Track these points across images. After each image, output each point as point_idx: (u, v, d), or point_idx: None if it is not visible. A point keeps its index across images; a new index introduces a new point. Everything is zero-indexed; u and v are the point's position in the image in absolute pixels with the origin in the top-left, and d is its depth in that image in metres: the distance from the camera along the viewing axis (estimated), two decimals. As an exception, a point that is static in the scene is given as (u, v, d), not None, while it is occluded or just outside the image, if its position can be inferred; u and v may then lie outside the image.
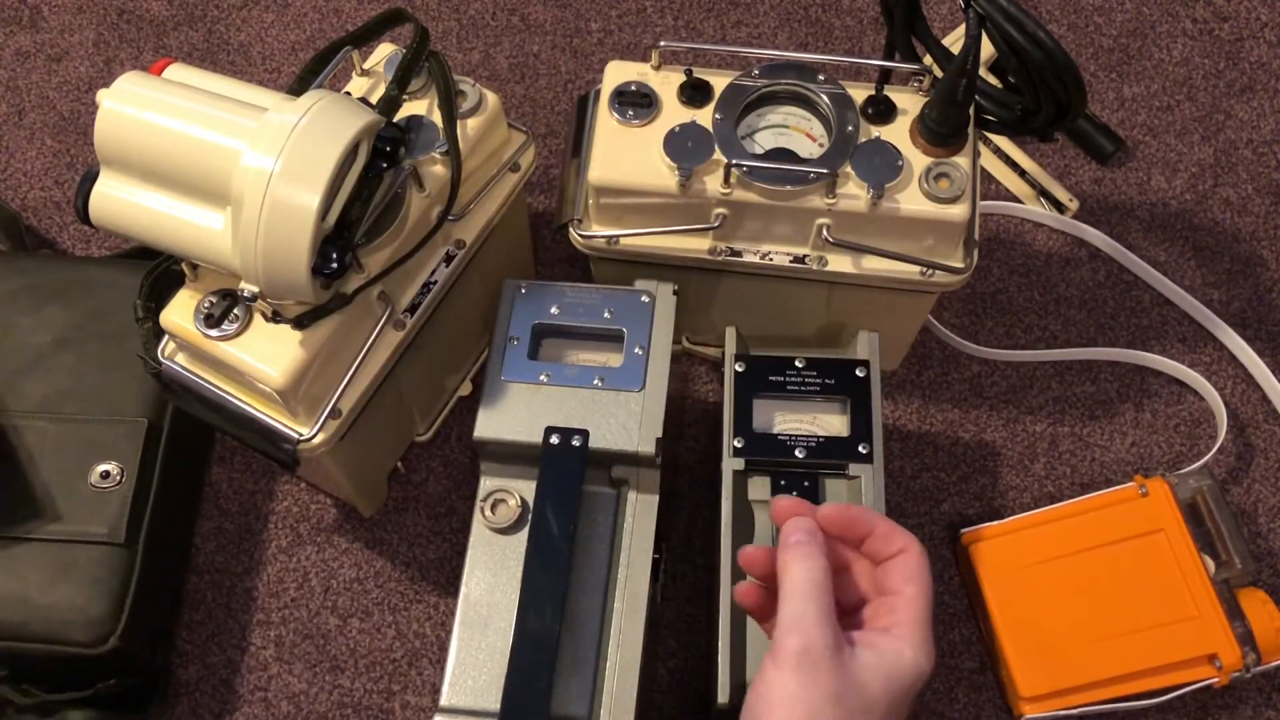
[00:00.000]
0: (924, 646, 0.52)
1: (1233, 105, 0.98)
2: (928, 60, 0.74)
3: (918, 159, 0.69)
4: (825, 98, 0.70)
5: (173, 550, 0.80)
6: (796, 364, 0.72)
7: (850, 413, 0.70)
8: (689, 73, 0.72)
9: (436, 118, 0.69)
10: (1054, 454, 0.85)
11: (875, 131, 0.70)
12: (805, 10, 1.03)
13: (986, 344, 0.88)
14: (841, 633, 0.52)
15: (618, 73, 0.73)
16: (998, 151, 0.95)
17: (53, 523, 0.72)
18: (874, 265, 0.71)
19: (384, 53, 0.72)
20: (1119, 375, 0.88)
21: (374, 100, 0.66)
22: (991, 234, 0.93)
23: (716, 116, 0.70)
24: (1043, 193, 0.94)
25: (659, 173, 0.69)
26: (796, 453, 0.69)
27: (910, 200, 0.68)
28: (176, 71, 0.61)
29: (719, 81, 0.72)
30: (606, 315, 0.71)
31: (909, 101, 0.71)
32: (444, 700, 0.64)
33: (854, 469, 0.69)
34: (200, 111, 0.57)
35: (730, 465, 0.69)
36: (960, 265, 0.71)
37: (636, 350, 0.69)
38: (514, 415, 0.68)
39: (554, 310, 0.71)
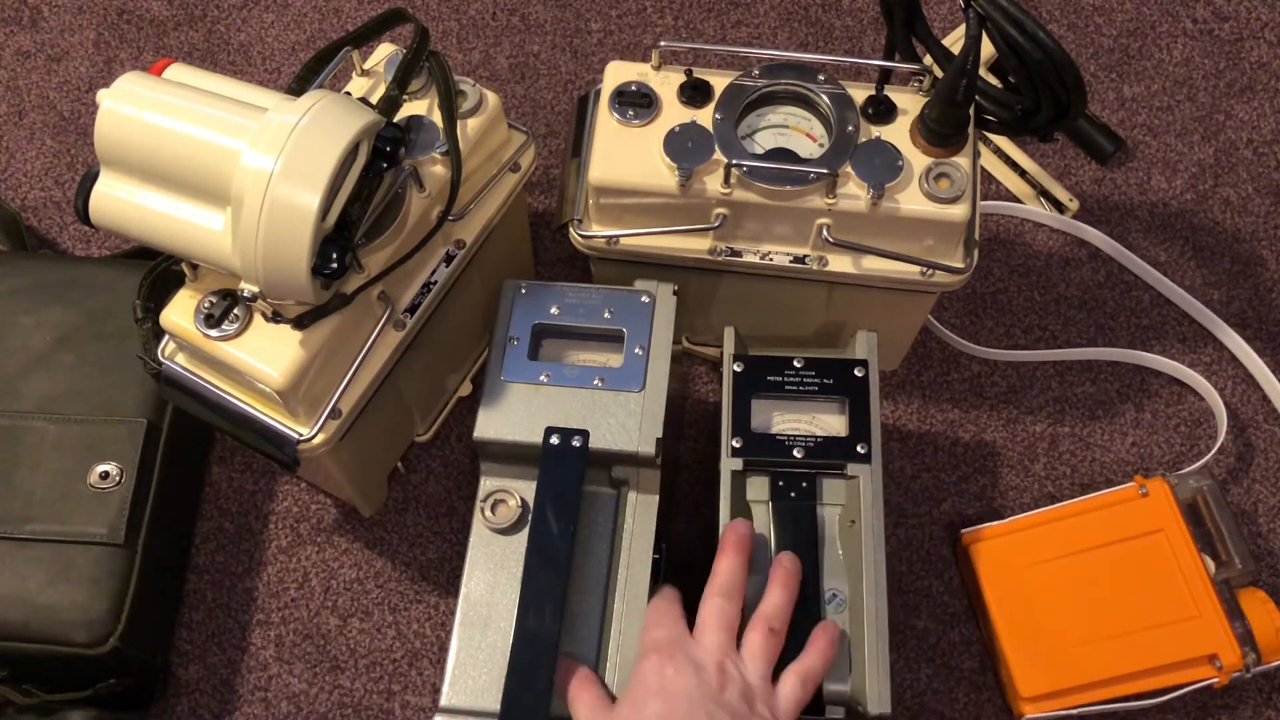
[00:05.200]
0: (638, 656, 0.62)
1: (1233, 105, 0.98)
2: (928, 60, 0.74)
3: (918, 159, 0.69)
4: (825, 98, 0.70)
5: (173, 550, 0.80)
6: (795, 364, 0.72)
7: (849, 413, 0.70)
8: (689, 73, 0.72)
9: (436, 118, 0.69)
10: (1054, 454, 0.85)
11: (875, 131, 0.70)
12: (805, 10, 1.03)
13: (986, 344, 0.88)
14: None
15: (618, 73, 0.73)
16: (998, 151, 0.95)
17: (53, 523, 0.72)
18: (874, 265, 0.71)
19: (384, 53, 0.72)
20: (1119, 375, 0.88)
21: (374, 100, 0.66)
22: (991, 234, 0.93)
23: (716, 116, 0.70)
24: (1043, 193, 0.94)
25: (659, 173, 0.69)
26: (795, 453, 0.69)
27: (910, 200, 0.68)
28: (176, 71, 0.61)
29: (719, 81, 0.72)
30: (606, 315, 0.71)
31: (909, 101, 0.71)
32: (444, 700, 0.64)
33: (852, 469, 0.69)
34: (200, 111, 0.57)
35: (729, 465, 0.69)
36: (960, 265, 0.71)
37: (636, 350, 0.70)
38: (514, 415, 0.68)
39: (554, 310, 0.71)
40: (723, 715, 0.56)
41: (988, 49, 0.64)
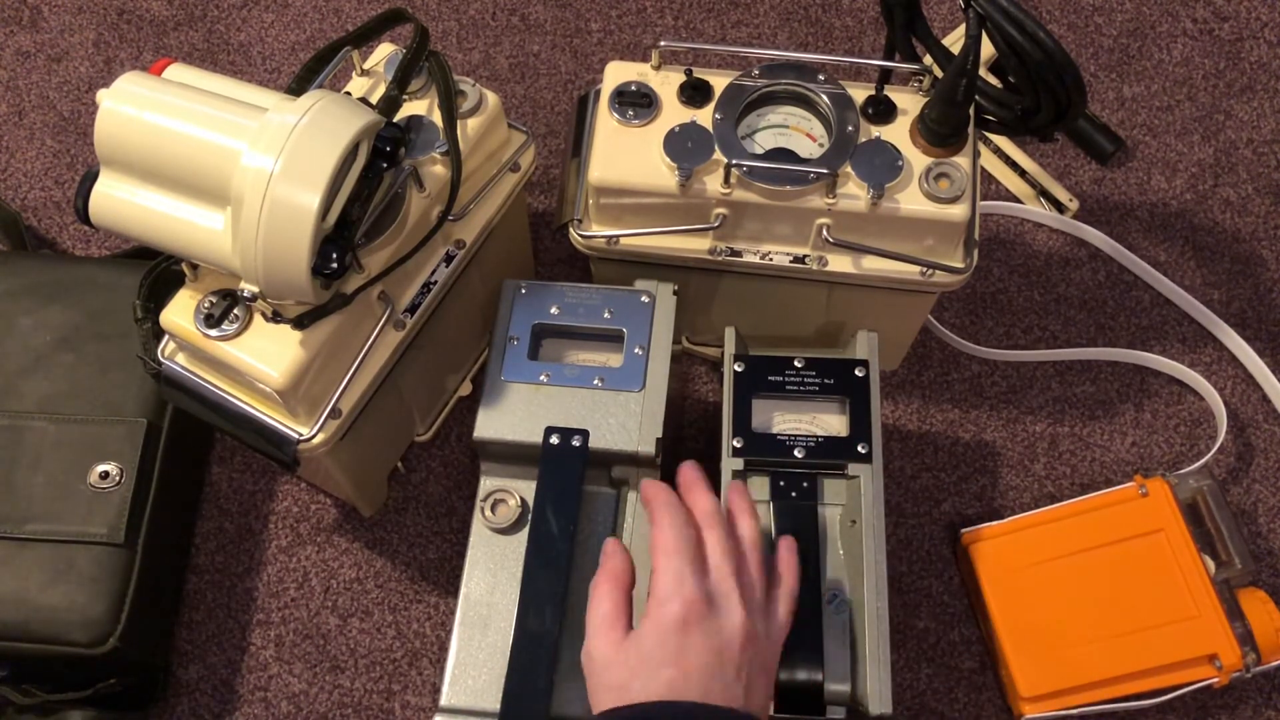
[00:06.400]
0: (659, 595, 0.57)
1: (1233, 105, 0.98)
2: (928, 60, 0.74)
3: (918, 159, 0.69)
4: (825, 98, 0.70)
5: (173, 550, 0.80)
6: (795, 364, 0.72)
7: (849, 412, 0.70)
8: (689, 73, 0.72)
9: (436, 118, 0.69)
10: (1054, 454, 0.85)
11: (875, 131, 0.70)
12: (805, 10, 1.03)
13: (986, 344, 0.88)
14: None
15: (618, 73, 0.73)
16: (998, 151, 0.95)
17: (53, 523, 0.72)
18: (874, 265, 0.71)
19: (384, 53, 0.72)
20: (1119, 375, 0.88)
21: (374, 100, 0.66)
22: (991, 234, 0.93)
23: (716, 116, 0.70)
24: (1043, 193, 0.94)
25: (659, 173, 0.69)
26: (795, 452, 0.69)
27: (910, 200, 0.68)
28: (176, 71, 0.61)
29: (719, 81, 0.72)
30: (606, 315, 0.71)
31: (909, 101, 0.71)
32: (444, 700, 0.64)
33: (853, 469, 0.69)
34: (200, 111, 0.57)
35: (729, 465, 0.69)
36: (960, 265, 0.71)
37: (636, 350, 0.70)
38: (514, 415, 0.68)
39: (554, 310, 0.71)
40: (736, 683, 0.55)
41: (988, 49, 0.64)
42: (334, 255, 0.58)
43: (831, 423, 0.71)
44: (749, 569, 0.59)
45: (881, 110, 0.70)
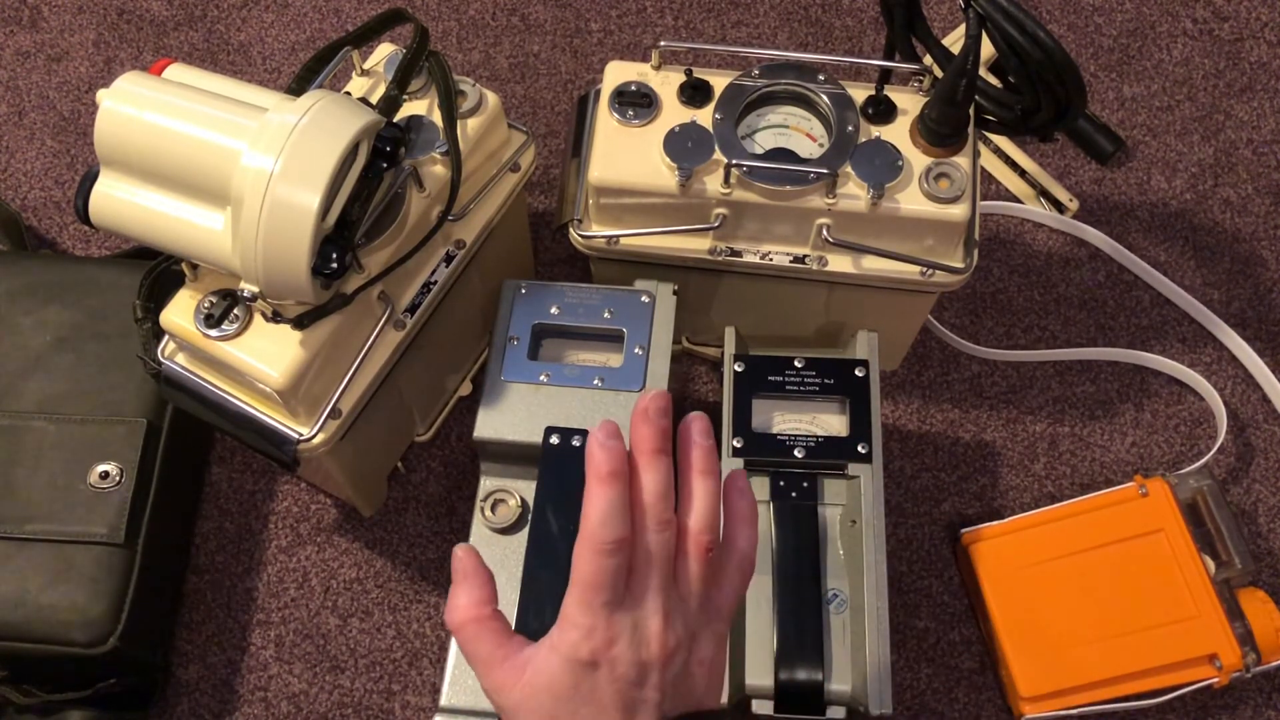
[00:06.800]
0: (565, 627, 0.50)
1: (1233, 105, 0.98)
2: (928, 60, 0.74)
3: (918, 159, 0.69)
4: (825, 98, 0.70)
5: (173, 550, 0.80)
6: (795, 364, 0.72)
7: (849, 412, 0.70)
8: (689, 73, 0.72)
9: (436, 118, 0.69)
10: (1054, 454, 0.85)
11: (875, 131, 0.70)
12: (805, 10, 1.03)
13: (986, 344, 0.88)
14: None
15: (618, 73, 0.73)
16: (998, 151, 0.95)
17: (53, 523, 0.72)
18: (874, 265, 0.71)
19: (384, 53, 0.72)
20: (1119, 375, 0.88)
21: (374, 100, 0.66)
22: (991, 234, 0.93)
23: (716, 116, 0.70)
24: (1043, 193, 0.94)
25: (659, 173, 0.69)
26: (795, 452, 0.69)
27: (910, 200, 0.68)
28: (176, 71, 0.61)
29: (719, 81, 0.72)
30: (606, 315, 0.71)
31: (909, 101, 0.71)
32: (444, 700, 0.64)
33: (853, 469, 0.69)
34: (200, 111, 0.57)
35: (729, 465, 0.69)
36: (960, 265, 0.71)
37: (636, 350, 0.70)
38: (514, 415, 0.68)
39: (554, 310, 0.71)
40: (659, 703, 0.49)
41: (988, 49, 0.64)
42: (334, 255, 0.58)
43: (831, 423, 0.71)
44: (689, 567, 0.50)
45: (881, 110, 0.70)
